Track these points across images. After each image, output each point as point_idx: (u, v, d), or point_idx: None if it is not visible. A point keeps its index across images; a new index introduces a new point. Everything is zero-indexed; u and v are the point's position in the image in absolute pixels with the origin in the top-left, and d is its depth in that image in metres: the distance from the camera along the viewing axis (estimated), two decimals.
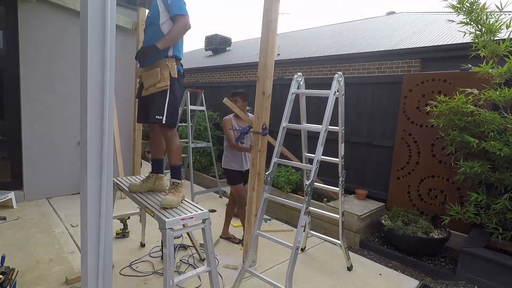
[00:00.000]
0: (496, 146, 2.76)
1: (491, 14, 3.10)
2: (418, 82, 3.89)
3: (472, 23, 3.17)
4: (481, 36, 3.14)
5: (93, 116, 1.49)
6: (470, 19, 3.15)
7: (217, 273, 2.25)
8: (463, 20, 3.20)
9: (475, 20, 3.14)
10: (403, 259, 3.38)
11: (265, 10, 2.70)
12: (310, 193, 2.37)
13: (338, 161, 2.96)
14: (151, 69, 2.17)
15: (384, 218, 3.84)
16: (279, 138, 2.69)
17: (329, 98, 2.53)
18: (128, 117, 5.14)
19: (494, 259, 2.68)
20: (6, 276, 2.23)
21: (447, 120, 3.24)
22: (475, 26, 3.18)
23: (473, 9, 3.10)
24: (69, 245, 3.21)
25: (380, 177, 4.36)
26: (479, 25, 3.14)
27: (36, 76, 4.31)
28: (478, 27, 3.16)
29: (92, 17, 1.43)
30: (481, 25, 3.13)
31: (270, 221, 4.30)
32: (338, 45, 7.50)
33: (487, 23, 3.08)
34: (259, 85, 2.82)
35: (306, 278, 2.90)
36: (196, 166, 6.25)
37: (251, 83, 6.34)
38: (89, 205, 1.53)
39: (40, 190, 4.51)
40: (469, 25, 3.20)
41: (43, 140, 4.46)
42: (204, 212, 2.13)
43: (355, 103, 4.59)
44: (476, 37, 3.18)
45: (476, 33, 3.19)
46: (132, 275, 2.77)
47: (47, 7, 4.30)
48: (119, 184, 2.72)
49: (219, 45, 12.29)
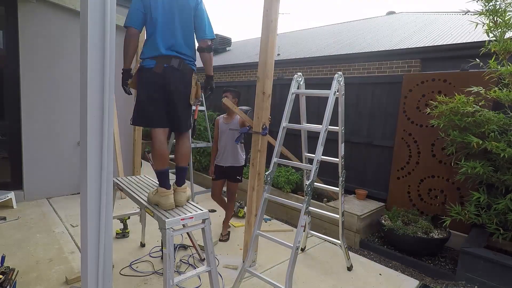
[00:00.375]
0: (500, 146, 2.74)
1: (510, 5, 2.88)
2: (418, 82, 3.89)
3: (488, 14, 2.97)
4: (495, 29, 2.98)
5: (93, 116, 1.49)
6: (487, 9, 2.95)
7: (217, 273, 2.25)
8: (479, 10, 3.00)
9: (492, 11, 2.93)
10: (403, 259, 3.38)
11: (265, 10, 2.70)
12: (310, 193, 2.37)
13: (338, 161, 2.96)
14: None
15: (384, 218, 3.84)
16: (279, 138, 2.69)
17: (329, 98, 2.53)
18: (128, 118, 5.13)
19: (494, 259, 2.68)
20: (6, 276, 2.23)
21: (447, 121, 3.23)
22: (490, 17, 2.98)
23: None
24: (69, 245, 3.21)
25: (380, 177, 4.36)
26: (495, 16, 2.95)
27: (36, 76, 4.31)
28: (493, 18, 2.97)
29: (92, 17, 1.43)
30: (497, 17, 2.93)
31: (270, 221, 4.30)
32: (338, 45, 7.49)
33: (505, 15, 2.87)
34: (259, 85, 2.82)
35: (306, 278, 2.90)
36: (196, 166, 6.25)
37: (251, 83, 6.35)
38: (89, 205, 1.52)
39: (40, 190, 4.51)
40: (484, 15, 3.00)
41: (43, 140, 4.46)
42: (204, 212, 2.13)
43: (355, 103, 4.59)
44: (489, 29, 3.00)
45: (490, 25, 3.00)
46: (132, 275, 2.77)
47: (47, 7, 4.30)
48: (119, 184, 2.72)
49: (219, 45, 12.29)
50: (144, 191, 2.55)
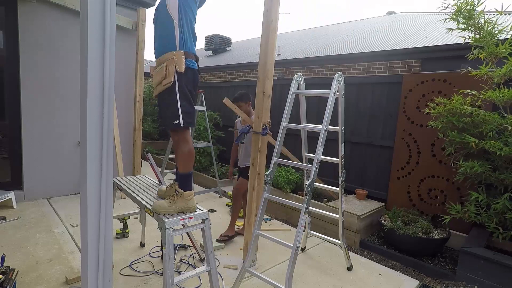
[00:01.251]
0: (496, 145, 2.76)
1: (489, 20, 3.11)
2: (418, 82, 3.89)
3: (471, 28, 3.19)
4: (480, 40, 3.15)
5: (93, 116, 1.49)
6: (468, 24, 3.17)
7: (217, 273, 2.25)
8: (461, 26, 3.23)
9: (474, 25, 3.15)
10: (403, 259, 3.38)
11: (265, 10, 2.70)
12: (310, 193, 2.37)
13: (338, 161, 2.96)
14: (158, 66, 2.01)
15: (384, 218, 3.84)
16: (279, 138, 2.69)
17: (329, 98, 2.53)
18: (128, 117, 5.14)
19: (494, 259, 2.68)
20: (6, 276, 2.23)
21: (445, 122, 3.25)
22: (474, 31, 3.19)
23: (471, 15, 3.11)
24: (69, 245, 3.21)
25: (380, 177, 4.36)
26: (477, 29, 3.16)
27: (36, 76, 4.31)
28: (477, 31, 3.17)
29: (92, 17, 1.43)
30: (479, 30, 3.14)
31: (270, 221, 4.30)
32: (338, 45, 7.49)
33: (486, 28, 3.09)
34: (259, 85, 2.83)
35: (306, 278, 2.90)
36: (196, 166, 6.25)
37: (251, 83, 6.35)
38: (89, 205, 1.52)
39: (40, 190, 4.51)
40: (468, 30, 3.22)
41: (43, 140, 4.46)
42: (203, 212, 2.13)
43: (355, 103, 4.59)
44: (475, 41, 3.18)
45: (475, 37, 3.20)
46: (132, 275, 2.77)
47: (47, 7, 4.30)
48: (119, 184, 2.72)
49: (219, 45, 12.29)
50: (144, 191, 2.55)
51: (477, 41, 3.16)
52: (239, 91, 3.65)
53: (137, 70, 4.94)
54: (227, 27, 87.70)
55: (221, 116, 6.95)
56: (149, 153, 3.12)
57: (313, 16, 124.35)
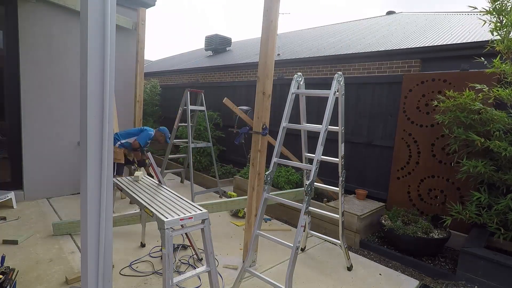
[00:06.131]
0: (501, 146, 2.74)
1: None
2: (418, 82, 3.89)
3: (494, 13, 3.01)
4: (500, 29, 3.01)
5: (93, 116, 1.49)
6: (494, 8, 2.99)
7: (216, 273, 2.25)
8: (486, 8, 3.03)
9: (499, 10, 2.97)
10: (403, 259, 3.38)
11: (265, 10, 2.70)
12: (310, 193, 2.37)
13: (338, 161, 2.96)
14: None
15: (384, 218, 3.84)
16: (279, 138, 2.69)
17: (329, 98, 2.53)
18: (128, 118, 5.15)
19: (494, 259, 2.68)
20: (6, 276, 2.23)
21: (452, 117, 3.20)
22: (496, 16, 3.03)
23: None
24: (69, 245, 3.21)
25: (380, 177, 4.36)
26: (501, 15, 2.99)
27: (36, 76, 4.31)
28: (499, 18, 3.01)
29: (92, 17, 1.43)
30: (503, 16, 2.97)
31: (270, 221, 4.30)
32: (338, 45, 7.49)
33: (510, 15, 2.92)
34: (259, 85, 2.82)
35: (306, 278, 2.90)
36: (196, 166, 6.25)
37: (251, 83, 6.35)
38: (89, 205, 1.52)
39: (40, 190, 4.51)
40: (491, 14, 3.03)
41: (43, 140, 4.46)
42: (203, 212, 2.13)
43: (355, 103, 4.59)
44: (495, 29, 3.04)
45: (496, 25, 3.03)
46: (132, 275, 2.77)
47: (47, 7, 4.31)
48: (119, 184, 2.72)
49: (219, 45, 12.28)
50: (144, 191, 2.56)
51: (497, 28, 3.00)
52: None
53: (137, 70, 4.95)
54: (227, 27, 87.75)
55: (221, 116, 6.95)
56: (149, 152, 3.12)
57: (313, 16, 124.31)
